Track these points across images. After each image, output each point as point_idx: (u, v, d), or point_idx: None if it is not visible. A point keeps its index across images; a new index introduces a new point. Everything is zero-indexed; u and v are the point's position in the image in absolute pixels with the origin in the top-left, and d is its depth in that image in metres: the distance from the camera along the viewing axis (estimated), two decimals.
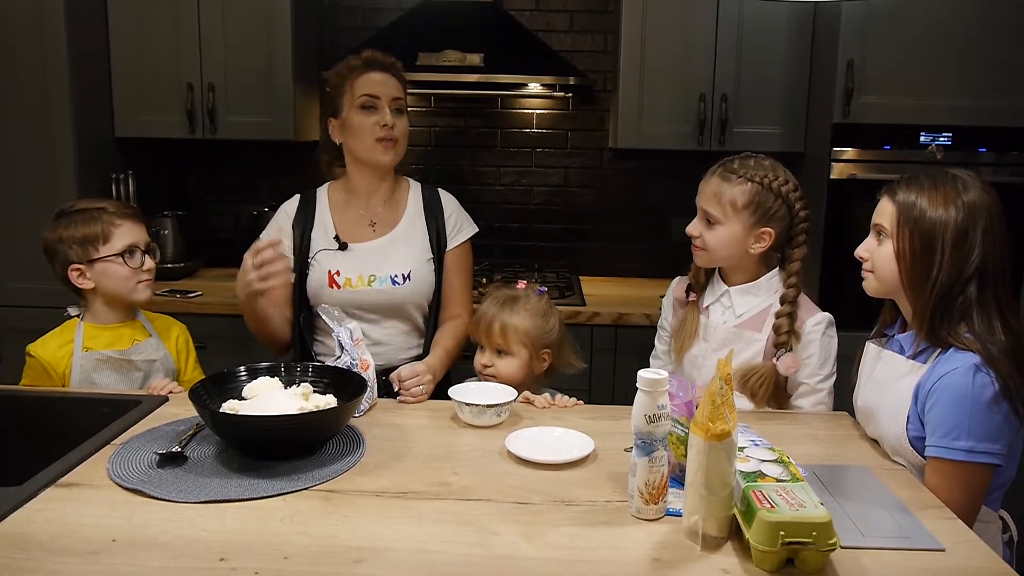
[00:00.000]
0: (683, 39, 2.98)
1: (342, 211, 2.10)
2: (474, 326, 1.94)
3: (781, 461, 1.34)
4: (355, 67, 2.03)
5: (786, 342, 1.78)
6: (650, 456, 1.28)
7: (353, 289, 2.02)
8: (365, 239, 2.07)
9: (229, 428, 1.46)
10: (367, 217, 2.09)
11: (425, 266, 2.08)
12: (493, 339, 1.89)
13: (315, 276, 2.05)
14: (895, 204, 1.53)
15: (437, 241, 2.10)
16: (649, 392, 1.27)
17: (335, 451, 1.52)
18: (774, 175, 1.80)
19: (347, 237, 2.06)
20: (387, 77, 2.03)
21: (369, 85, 2.00)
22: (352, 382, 1.62)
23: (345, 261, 2.04)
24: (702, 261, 1.87)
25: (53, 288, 2.81)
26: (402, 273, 2.04)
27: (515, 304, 1.89)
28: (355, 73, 2.02)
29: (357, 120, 2.00)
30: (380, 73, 2.02)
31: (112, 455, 1.48)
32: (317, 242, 2.07)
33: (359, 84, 2.01)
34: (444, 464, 1.49)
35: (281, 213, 2.13)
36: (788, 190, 1.81)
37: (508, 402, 1.67)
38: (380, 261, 2.04)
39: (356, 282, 2.02)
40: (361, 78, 2.01)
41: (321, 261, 2.05)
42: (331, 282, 2.02)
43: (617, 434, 1.64)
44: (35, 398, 1.81)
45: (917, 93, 2.73)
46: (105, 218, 1.92)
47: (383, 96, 2.00)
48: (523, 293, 1.94)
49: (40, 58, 2.79)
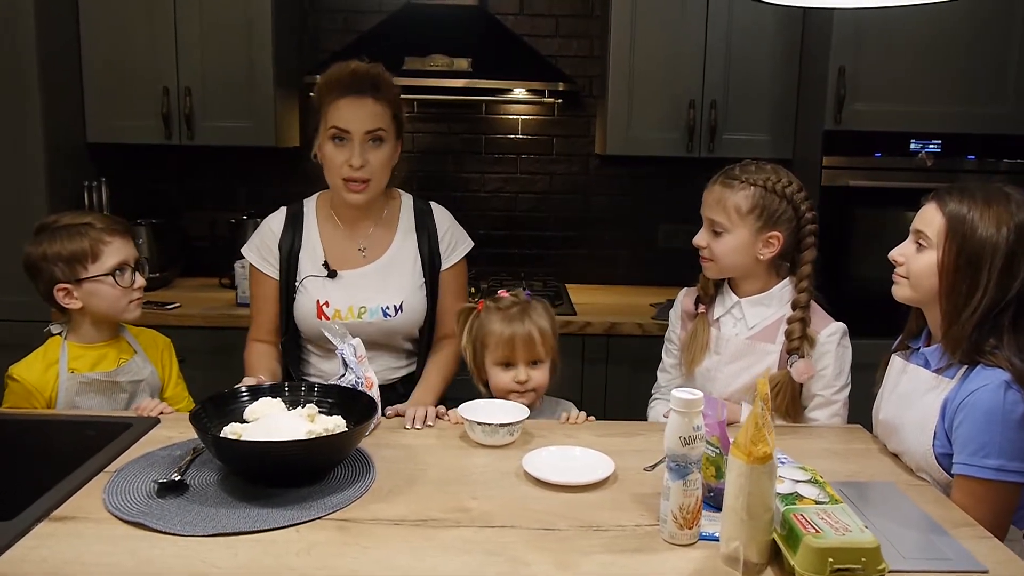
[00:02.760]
0: (672, 45, 2.95)
1: (330, 232, 1.98)
2: (500, 347, 1.78)
3: (816, 481, 1.30)
4: (332, 88, 1.85)
5: (799, 347, 1.75)
6: (684, 479, 1.23)
7: (342, 321, 1.90)
8: (355, 265, 1.95)
9: (234, 455, 1.38)
10: (356, 241, 1.98)
11: (417, 294, 1.97)
12: (533, 351, 1.78)
13: (303, 303, 1.93)
14: (944, 215, 1.48)
15: (430, 262, 1.99)
16: (684, 413, 1.22)
17: (345, 476, 1.44)
18: (776, 178, 1.78)
19: (336, 263, 1.94)
20: (364, 103, 1.83)
21: (340, 116, 1.83)
22: (359, 402, 1.54)
23: (334, 290, 1.93)
24: (711, 272, 1.83)
25: (20, 301, 2.72)
26: (394, 305, 1.94)
27: (528, 311, 1.81)
28: (333, 96, 1.84)
29: (327, 151, 1.86)
30: (356, 99, 1.83)
31: (107, 484, 1.39)
32: (305, 266, 1.95)
33: (332, 113, 1.84)
34: (461, 488, 1.43)
35: (266, 230, 1.98)
36: (792, 191, 1.78)
37: (521, 420, 1.62)
38: (370, 291, 1.93)
39: (346, 314, 1.91)
40: (334, 105, 1.83)
41: (308, 288, 1.93)
42: (319, 313, 1.91)
43: (632, 452, 1.59)
44: (15, 421, 1.70)
45: (907, 100, 2.74)
46: (93, 234, 1.81)
47: (354, 131, 1.82)
48: (522, 299, 1.87)
49: (8, 60, 2.67)
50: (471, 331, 1.85)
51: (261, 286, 1.98)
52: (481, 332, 1.82)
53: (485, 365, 1.82)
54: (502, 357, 1.79)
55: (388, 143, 1.88)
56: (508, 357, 1.78)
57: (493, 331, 1.79)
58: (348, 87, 1.84)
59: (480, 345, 1.82)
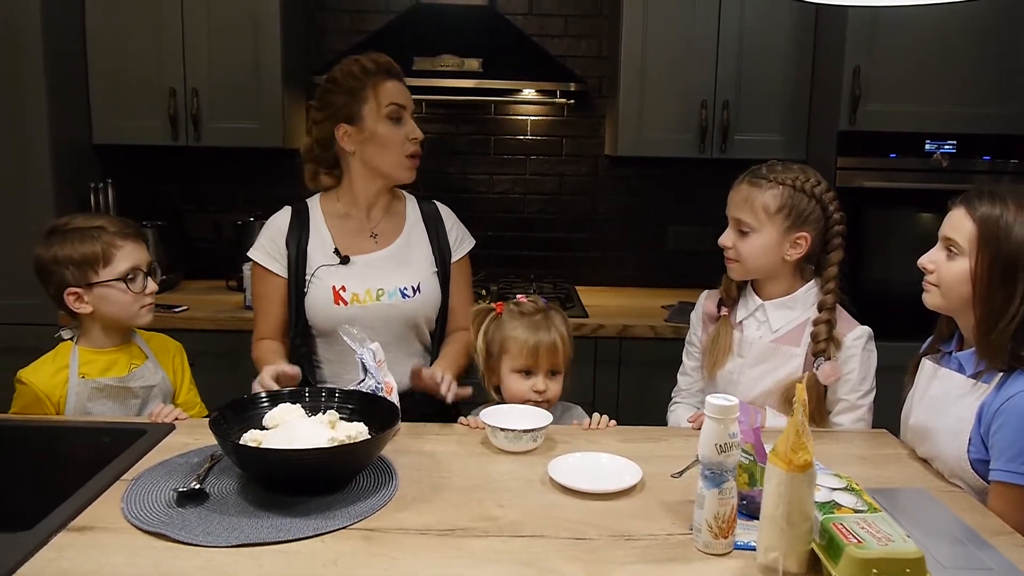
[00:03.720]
0: (684, 45, 2.93)
1: (339, 223, 1.96)
2: (522, 355, 1.75)
3: (852, 489, 1.27)
4: (374, 72, 1.88)
5: (825, 350, 1.72)
6: (720, 488, 1.21)
7: (361, 305, 1.88)
8: (367, 251, 1.94)
9: (256, 463, 1.35)
10: (367, 228, 1.96)
11: (432, 279, 1.97)
12: (554, 361, 1.76)
13: (317, 294, 1.90)
14: (974, 221, 1.44)
15: (441, 254, 1.99)
16: (719, 420, 1.20)
17: (367, 484, 1.41)
18: (805, 177, 1.75)
19: (348, 250, 1.92)
20: (403, 85, 1.92)
21: (396, 93, 1.88)
22: (381, 408, 1.51)
23: (349, 275, 1.90)
24: (737, 274, 1.80)
25: (27, 304, 2.69)
26: (411, 285, 1.92)
27: (551, 318, 1.79)
28: (377, 78, 1.88)
29: (385, 131, 1.87)
30: (398, 80, 1.91)
31: (125, 493, 1.36)
32: (315, 258, 1.92)
33: (385, 91, 1.87)
34: (487, 496, 1.40)
35: (273, 228, 1.96)
36: (821, 191, 1.75)
37: (545, 426, 1.58)
38: (387, 273, 1.92)
39: (364, 297, 1.89)
40: (386, 85, 1.88)
41: (322, 278, 1.90)
42: (337, 299, 1.88)
43: (657, 458, 1.57)
44: (29, 427, 1.67)
45: (922, 101, 2.72)
46: (105, 238, 1.77)
47: (408, 107, 1.90)
48: (542, 306, 1.84)
49: (15, 61, 2.64)
50: (487, 333, 1.82)
51: (267, 285, 1.95)
52: (500, 336, 1.79)
53: (500, 370, 1.79)
54: (523, 365, 1.75)
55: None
56: (530, 365, 1.75)
57: (516, 337, 1.76)
58: (390, 71, 1.90)
59: (499, 350, 1.79)
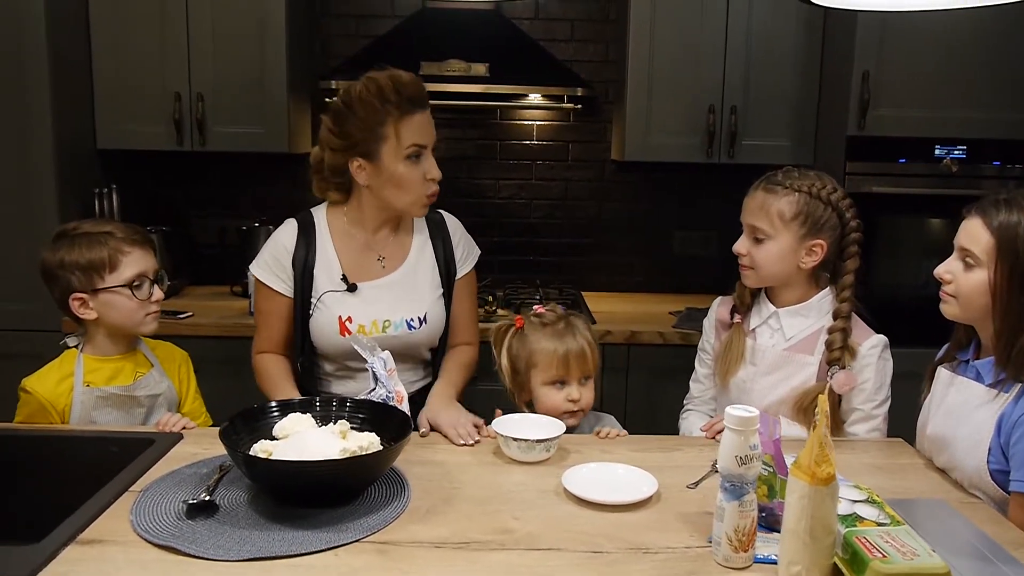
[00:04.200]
0: (692, 49, 2.91)
1: (346, 244, 1.89)
2: (553, 365, 1.73)
3: (873, 501, 1.26)
4: (396, 103, 1.74)
5: (839, 358, 1.70)
6: (740, 500, 1.19)
7: (366, 336, 1.82)
8: (374, 276, 1.89)
9: (267, 475, 1.33)
10: (374, 251, 1.90)
11: (438, 304, 1.92)
12: (585, 367, 1.75)
13: (323, 321, 1.85)
14: (991, 231, 1.42)
15: (446, 270, 1.94)
16: (740, 431, 1.18)
17: (378, 495, 1.39)
18: (821, 184, 1.74)
19: (355, 276, 1.87)
20: (427, 115, 1.80)
21: (417, 132, 1.77)
22: (392, 418, 1.49)
23: (355, 305, 1.86)
24: (751, 281, 1.78)
25: (30, 310, 2.67)
26: (418, 316, 1.88)
27: (574, 325, 1.78)
28: (399, 114, 1.75)
29: (404, 172, 1.77)
30: (423, 112, 1.79)
31: (133, 504, 1.34)
32: (321, 281, 1.86)
33: (407, 130, 1.75)
34: (501, 507, 1.38)
35: (278, 247, 1.88)
36: (837, 198, 1.74)
37: (558, 436, 1.56)
38: (392, 303, 1.87)
39: (370, 328, 1.84)
40: (409, 121, 1.76)
41: (328, 305, 1.85)
42: (343, 330, 1.84)
43: (672, 468, 1.55)
44: (36, 437, 1.65)
45: (932, 105, 2.69)
46: (112, 244, 1.75)
47: (429, 144, 1.80)
48: (562, 313, 1.83)
49: (18, 65, 2.62)
50: (511, 350, 1.80)
51: (271, 302, 1.89)
52: (526, 351, 1.76)
53: (531, 385, 1.76)
54: (555, 375, 1.73)
55: None
56: (562, 375, 1.73)
57: (544, 349, 1.74)
58: (414, 101, 1.77)
59: (526, 365, 1.76)
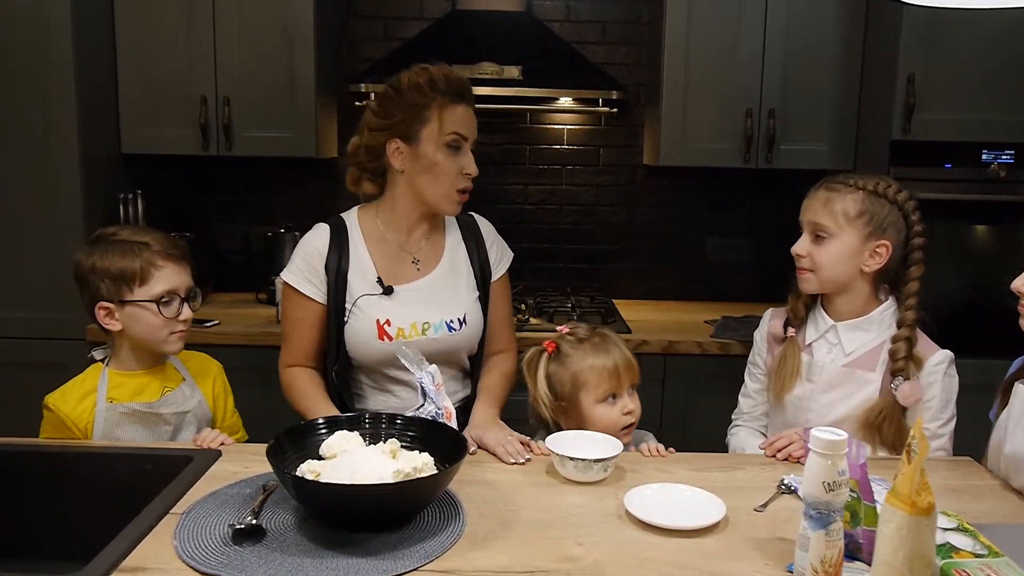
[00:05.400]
0: (729, 52, 2.84)
1: (380, 247, 1.83)
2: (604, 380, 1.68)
3: (965, 529, 1.18)
4: (444, 91, 1.73)
5: (904, 368, 1.63)
6: (827, 529, 1.11)
7: (406, 339, 1.77)
8: (409, 279, 1.82)
9: (317, 498, 1.26)
10: (408, 253, 1.84)
11: (475, 306, 1.86)
12: (634, 375, 1.71)
13: (359, 326, 1.78)
14: None
15: (481, 273, 1.88)
16: (827, 456, 1.10)
17: (433, 519, 1.32)
18: (886, 184, 1.68)
19: (390, 279, 1.80)
20: (472, 110, 1.77)
21: (461, 122, 1.74)
22: (445, 437, 1.42)
23: (393, 308, 1.79)
24: (810, 286, 1.71)
25: (56, 318, 2.62)
26: (458, 317, 1.81)
27: (608, 336, 1.74)
28: (446, 100, 1.73)
29: (441, 159, 1.73)
30: (468, 106, 1.76)
31: (177, 528, 1.27)
32: (356, 285, 1.79)
33: (450, 117, 1.73)
34: (562, 532, 1.30)
35: (311, 250, 1.81)
36: (903, 199, 1.67)
37: (616, 455, 1.49)
38: (431, 305, 1.80)
39: (409, 331, 1.77)
40: (454, 110, 1.73)
41: (364, 309, 1.78)
42: (381, 333, 1.76)
43: (735, 488, 1.47)
44: (68, 453, 1.58)
45: (978, 109, 2.61)
46: (146, 255, 1.68)
47: (470, 137, 1.77)
48: (595, 328, 1.79)
49: (43, 69, 2.56)
50: (549, 377, 1.73)
51: (302, 310, 1.82)
52: (568, 372, 1.70)
53: (581, 407, 1.69)
54: (608, 390, 1.67)
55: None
56: (615, 388, 1.68)
57: (592, 366, 1.68)
58: (462, 94, 1.76)
59: (571, 387, 1.69)
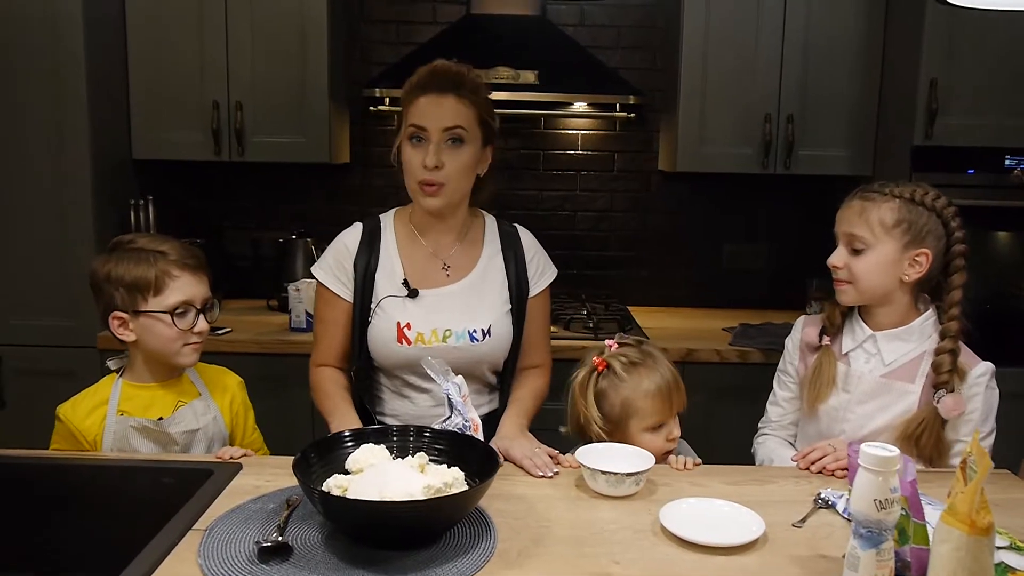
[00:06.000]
0: (747, 57, 2.81)
1: (410, 249, 1.81)
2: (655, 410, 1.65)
3: (1018, 548, 1.14)
4: (414, 87, 1.71)
5: (947, 381, 1.59)
6: (878, 548, 1.07)
7: (425, 345, 1.73)
8: (438, 284, 1.78)
9: (347, 515, 1.22)
10: (439, 258, 1.81)
11: (504, 319, 1.80)
12: (681, 399, 1.69)
13: (381, 327, 1.74)
14: None
15: (517, 287, 1.83)
16: (879, 472, 1.06)
17: (462, 535, 1.28)
18: (923, 190, 1.65)
19: (417, 282, 1.76)
20: (445, 100, 1.67)
21: (420, 113, 1.68)
22: (475, 451, 1.39)
23: (415, 312, 1.75)
24: (849, 298, 1.67)
25: (66, 326, 2.58)
26: (482, 328, 1.76)
27: (654, 355, 1.70)
28: (412, 96, 1.71)
29: (405, 153, 1.71)
30: (437, 96, 1.67)
31: (201, 545, 1.23)
32: (382, 285, 1.76)
33: (411, 111, 1.70)
34: (597, 549, 1.27)
35: (340, 247, 1.81)
36: (942, 205, 1.63)
37: (647, 469, 1.45)
38: (456, 313, 1.76)
39: (429, 337, 1.73)
40: (416, 103, 1.69)
41: (387, 310, 1.75)
42: (400, 337, 1.73)
43: (771, 503, 1.44)
44: (87, 467, 1.55)
45: (1002, 113, 2.58)
46: (161, 264, 1.64)
47: (431, 128, 1.67)
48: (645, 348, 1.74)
49: (55, 73, 2.53)
50: (599, 399, 1.68)
51: (331, 308, 1.80)
52: (620, 399, 1.65)
53: (628, 432, 1.65)
54: (660, 420, 1.66)
55: (470, 145, 1.70)
56: (665, 418, 1.66)
57: (647, 393, 1.65)
58: (427, 85, 1.69)
59: (621, 413, 1.65)
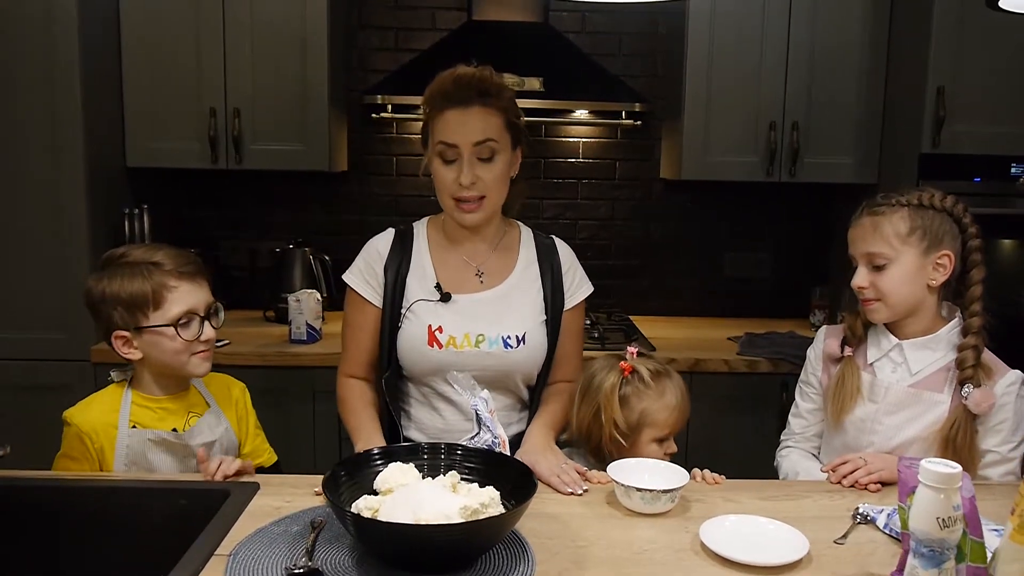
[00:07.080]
0: (752, 64, 2.79)
1: (443, 255, 1.77)
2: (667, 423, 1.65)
3: None
4: (436, 99, 1.66)
5: (972, 376, 1.57)
6: (940, 568, 1.04)
7: (457, 349, 1.69)
8: (471, 290, 1.74)
9: (381, 538, 1.17)
10: (472, 265, 1.77)
11: (540, 329, 1.76)
12: (684, 422, 1.69)
13: (411, 331, 1.71)
14: None
15: (552, 300, 1.78)
16: (942, 490, 1.03)
17: (499, 557, 1.23)
18: (928, 194, 1.63)
19: (450, 287, 1.73)
20: (471, 113, 1.63)
21: (446, 130, 1.64)
22: (510, 470, 1.33)
23: (448, 316, 1.71)
24: (881, 316, 1.64)
25: (60, 339, 2.51)
26: (516, 335, 1.71)
27: (671, 373, 1.69)
28: (436, 109, 1.66)
29: (436, 170, 1.68)
30: (462, 109, 1.63)
31: (227, 572, 1.18)
32: (414, 289, 1.73)
33: (437, 127, 1.66)
34: (640, 570, 1.22)
35: (372, 251, 1.77)
36: (951, 204, 1.63)
37: (683, 486, 1.41)
38: (490, 318, 1.72)
39: (461, 341, 1.69)
40: (440, 117, 1.65)
41: (419, 313, 1.71)
42: (431, 340, 1.69)
43: (808, 519, 1.40)
44: (100, 489, 1.47)
45: (1008, 122, 2.58)
46: (157, 277, 1.56)
47: (461, 144, 1.63)
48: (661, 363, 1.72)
49: (49, 80, 2.45)
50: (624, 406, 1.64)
51: (360, 314, 1.76)
52: (639, 408, 1.63)
53: (639, 442, 1.64)
54: (667, 433, 1.66)
55: (502, 155, 1.66)
56: (671, 432, 1.66)
57: (665, 405, 1.64)
58: (451, 97, 1.64)
59: (640, 421, 1.63)
